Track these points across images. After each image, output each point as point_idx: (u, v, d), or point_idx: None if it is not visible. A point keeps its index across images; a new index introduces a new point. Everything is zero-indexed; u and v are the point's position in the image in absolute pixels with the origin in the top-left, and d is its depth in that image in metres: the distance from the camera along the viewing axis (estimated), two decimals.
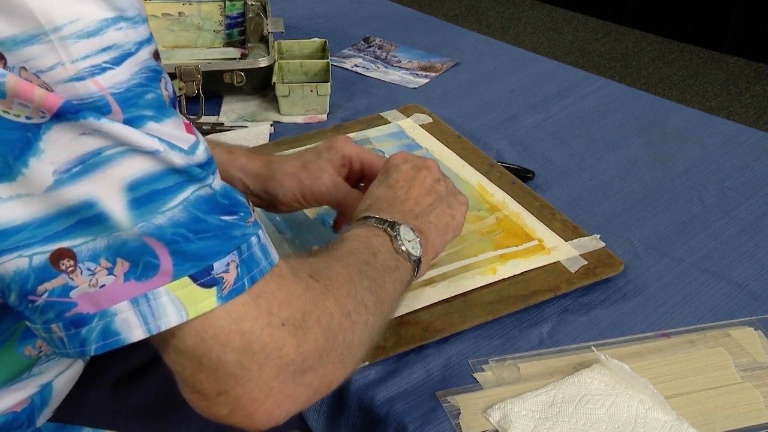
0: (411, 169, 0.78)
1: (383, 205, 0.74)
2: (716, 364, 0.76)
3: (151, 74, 0.48)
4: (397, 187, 0.76)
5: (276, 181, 0.83)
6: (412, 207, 0.75)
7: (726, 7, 2.92)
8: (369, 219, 0.71)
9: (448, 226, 0.77)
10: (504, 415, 0.70)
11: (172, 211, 0.48)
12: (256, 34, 1.30)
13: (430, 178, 0.78)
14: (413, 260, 0.71)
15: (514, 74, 1.30)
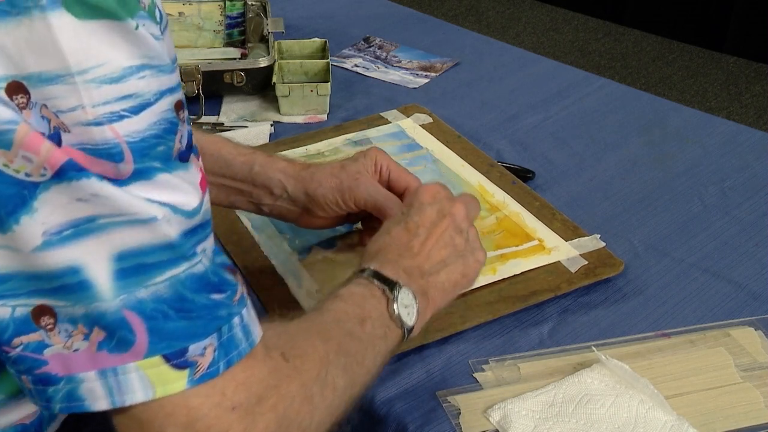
0: (435, 214, 0.73)
1: (393, 255, 0.70)
2: (716, 364, 0.76)
3: (168, 126, 0.47)
4: (413, 234, 0.71)
5: (316, 182, 0.82)
6: (423, 262, 0.70)
7: (726, 7, 2.92)
8: (371, 274, 0.68)
9: (456, 285, 0.73)
10: (504, 415, 0.70)
11: (157, 286, 0.47)
12: (256, 34, 1.30)
13: (453, 228, 0.73)
14: (405, 328, 0.67)
15: (514, 74, 1.30)
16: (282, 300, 0.84)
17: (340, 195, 0.82)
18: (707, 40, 3.02)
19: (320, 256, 0.90)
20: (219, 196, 0.85)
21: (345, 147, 1.09)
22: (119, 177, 0.45)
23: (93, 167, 0.45)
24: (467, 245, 0.73)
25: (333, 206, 0.83)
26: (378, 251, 0.71)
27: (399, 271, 0.68)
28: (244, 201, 0.86)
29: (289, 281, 0.86)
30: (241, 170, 0.83)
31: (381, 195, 0.82)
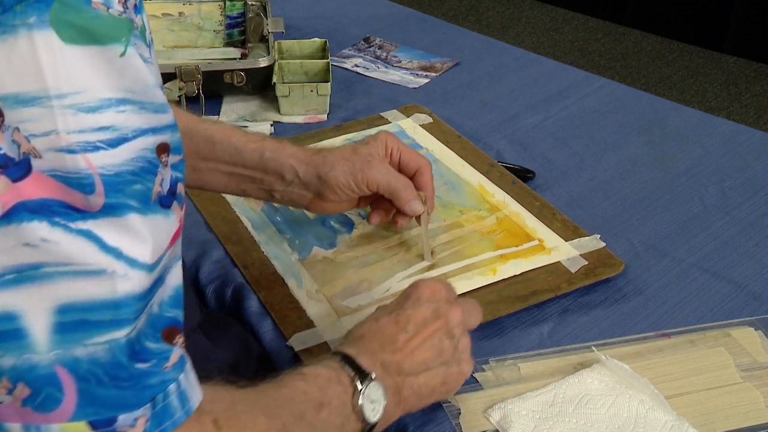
0: (430, 313, 0.68)
1: (374, 345, 0.66)
2: (716, 364, 0.76)
3: (146, 165, 0.45)
4: (402, 328, 0.67)
5: (328, 165, 0.82)
6: (404, 360, 0.66)
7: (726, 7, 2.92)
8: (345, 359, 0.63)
9: (433, 392, 0.68)
10: (504, 415, 0.70)
11: (96, 347, 0.44)
12: (256, 34, 1.30)
13: (444, 331, 0.68)
14: (367, 423, 0.62)
15: (514, 74, 1.30)
16: (282, 300, 0.84)
17: (353, 178, 0.82)
18: (707, 40, 3.02)
19: (320, 256, 0.90)
20: (230, 184, 0.85)
21: None
22: (88, 209, 0.43)
23: (62, 196, 0.42)
24: (455, 353, 0.69)
25: (346, 190, 0.83)
26: (361, 337, 0.67)
27: (376, 363, 0.64)
28: (256, 188, 0.85)
29: (289, 281, 0.87)
30: (251, 157, 0.83)
31: (393, 177, 0.83)
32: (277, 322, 0.82)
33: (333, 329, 0.80)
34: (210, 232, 0.95)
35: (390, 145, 0.85)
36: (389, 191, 0.83)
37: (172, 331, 0.49)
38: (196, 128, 0.84)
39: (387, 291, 0.84)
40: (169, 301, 0.49)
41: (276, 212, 0.97)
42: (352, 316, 0.82)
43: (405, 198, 0.84)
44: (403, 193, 0.83)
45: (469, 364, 0.70)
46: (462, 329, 0.70)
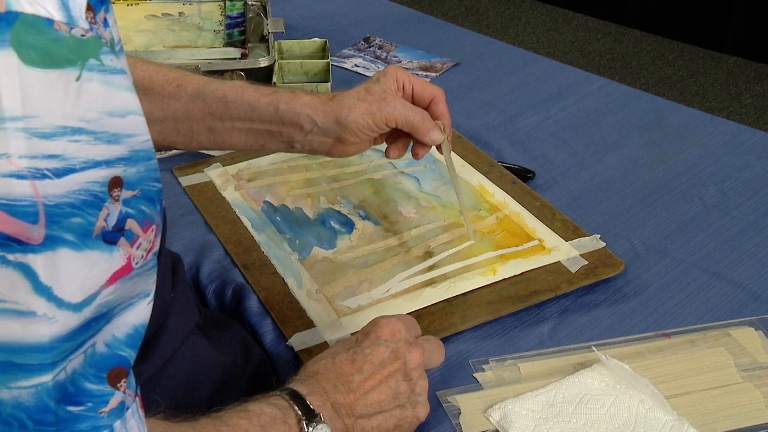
0: (388, 354, 0.66)
1: (327, 384, 0.64)
2: (716, 364, 0.76)
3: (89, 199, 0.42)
4: (358, 368, 0.65)
5: (345, 108, 0.81)
6: (356, 401, 0.64)
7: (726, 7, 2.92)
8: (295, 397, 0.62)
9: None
10: (504, 415, 0.70)
11: (21, 391, 0.42)
12: (257, 34, 1.30)
13: (401, 374, 0.67)
14: None
15: (514, 74, 1.30)
16: (282, 300, 0.84)
17: (372, 118, 0.81)
18: (707, 40, 3.02)
19: (320, 257, 0.90)
20: (248, 141, 0.84)
21: None
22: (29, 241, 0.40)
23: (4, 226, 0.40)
24: (411, 396, 0.67)
25: (366, 130, 0.81)
26: (315, 374, 0.65)
27: (327, 404, 0.63)
28: (275, 141, 0.84)
29: (289, 281, 0.87)
30: (266, 111, 0.82)
31: (410, 111, 0.82)
32: (277, 322, 0.82)
33: (333, 329, 0.80)
34: (210, 232, 0.95)
35: (401, 79, 0.84)
36: (408, 125, 0.82)
37: (119, 372, 0.47)
38: (208, 89, 0.83)
39: (387, 292, 0.84)
40: (124, 339, 0.47)
41: (276, 212, 0.97)
42: (352, 316, 0.82)
43: (424, 129, 0.83)
44: (421, 125, 0.82)
45: (424, 408, 0.68)
46: (420, 372, 0.68)
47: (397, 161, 1.05)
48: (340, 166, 1.05)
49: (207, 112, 0.82)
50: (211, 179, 1.04)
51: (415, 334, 0.71)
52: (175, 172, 1.06)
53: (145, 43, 1.30)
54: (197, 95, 0.82)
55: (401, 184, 1.02)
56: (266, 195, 1.00)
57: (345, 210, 0.97)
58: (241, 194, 1.01)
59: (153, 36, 1.33)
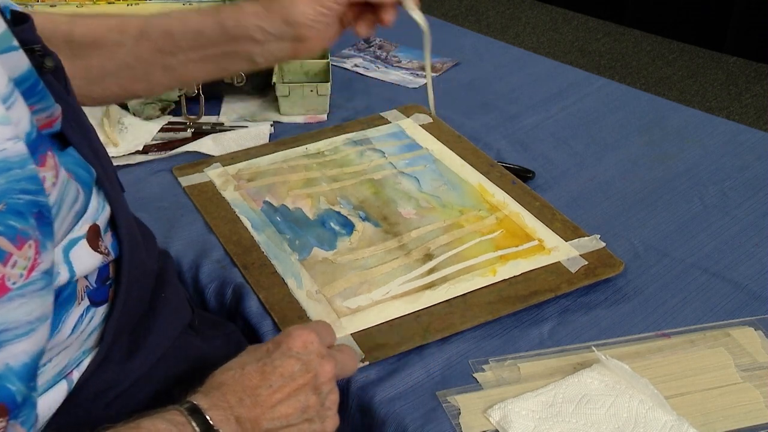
0: (299, 368, 0.64)
1: (233, 397, 0.61)
2: (716, 364, 0.76)
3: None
4: (266, 381, 0.63)
5: (288, 5, 0.77)
6: (262, 415, 0.62)
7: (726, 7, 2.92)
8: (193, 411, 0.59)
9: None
10: (504, 415, 0.70)
11: None
12: None
13: (311, 387, 0.64)
14: None
15: (514, 74, 1.30)
16: (282, 300, 0.84)
17: (317, 3, 0.77)
18: (707, 40, 3.02)
19: (320, 257, 0.90)
20: (208, 69, 0.82)
21: (345, 146, 1.09)
22: None
23: None
24: (320, 410, 0.65)
25: (319, 17, 0.77)
26: (221, 385, 0.62)
27: (230, 418, 0.60)
28: (236, 62, 0.81)
29: (289, 281, 0.87)
30: (214, 34, 0.79)
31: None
32: (277, 322, 0.82)
33: None
34: (210, 233, 0.95)
35: None
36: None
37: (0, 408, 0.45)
38: (150, 26, 0.80)
39: (387, 293, 0.84)
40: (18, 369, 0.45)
41: (276, 212, 0.97)
42: (352, 316, 0.82)
43: None
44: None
45: (333, 422, 0.66)
46: (331, 385, 0.66)
47: (396, 161, 1.05)
48: (340, 166, 1.05)
49: (156, 50, 0.79)
50: (210, 179, 1.04)
51: (329, 343, 0.69)
52: (175, 172, 1.06)
53: None
54: (141, 35, 0.79)
55: (401, 184, 1.02)
56: (266, 195, 1.00)
57: (345, 211, 0.97)
58: (240, 194, 1.01)
59: None
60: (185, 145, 1.11)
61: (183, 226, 0.97)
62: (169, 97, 1.16)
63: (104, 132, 1.12)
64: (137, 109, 1.16)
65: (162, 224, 0.97)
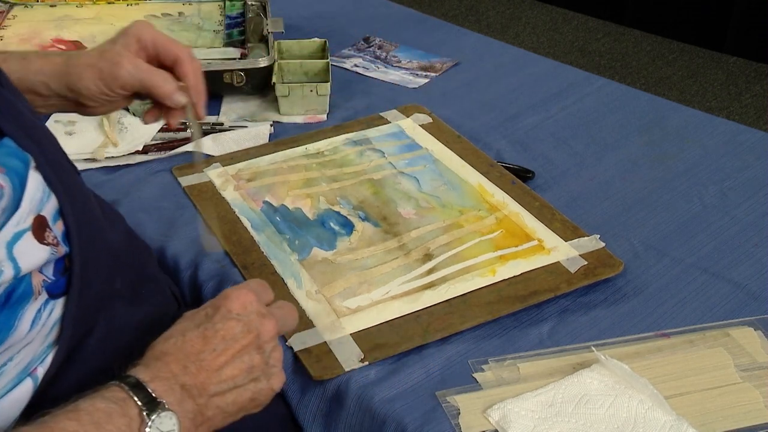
0: (240, 328, 0.64)
1: (176, 366, 0.61)
2: (716, 364, 0.76)
3: None
4: (209, 345, 0.63)
5: (75, 76, 0.78)
6: (209, 380, 0.62)
7: (726, 7, 2.92)
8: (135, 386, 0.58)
9: (242, 409, 0.65)
10: (504, 415, 0.70)
11: None
12: (256, 34, 1.30)
13: (254, 347, 0.64)
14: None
15: (514, 74, 1.30)
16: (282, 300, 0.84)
17: (104, 83, 0.78)
18: (707, 40, 3.02)
19: (320, 257, 0.90)
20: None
21: (345, 146, 1.09)
22: None
23: None
24: (265, 368, 0.65)
25: (100, 96, 0.79)
26: (163, 355, 0.62)
27: (174, 387, 0.60)
28: None
29: (288, 281, 0.87)
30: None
31: (146, 74, 0.78)
32: None
33: (332, 330, 0.80)
34: (210, 232, 0.95)
35: (144, 38, 0.79)
36: (145, 88, 0.79)
37: None
38: None
39: (387, 293, 0.84)
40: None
41: (275, 212, 0.97)
42: (351, 316, 0.82)
43: (164, 92, 0.79)
44: (161, 88, 0.78)
45: (279, 378, 0.66)
46: (274, 343, 0.66)
47: (396, 161, 1.05)
48: (340, 166, 1.05)
49: None
50: (210, 179, 1.04)
51: (267, 301, 0.68)
52: (175, 172, 1.06)
53: None
54: None
55: (401, 184, 1.02)
56: (266, 195, 1.00)
57: (344, 211, 0.97)
58: (240, 194, 1.01)
59: None
60: (185, 145, 1.11)
61: (183, 226, 0.97)
62: None
63: (104, 132, 1.12)
64: (137, 110, 1.16)
65: (162, 224, 0.97)
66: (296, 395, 0.78)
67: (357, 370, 0.76)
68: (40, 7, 1.42)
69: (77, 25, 1.36)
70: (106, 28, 1.35)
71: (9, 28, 1.35)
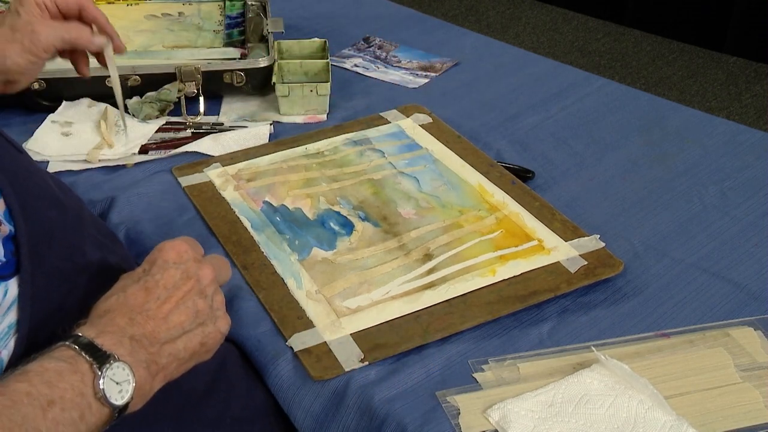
0: (179, 275, 0.65)
1: (122, 320, 0.61)
2: (716, 364, 0.76)
3: None
4: (152, 295, 0.64)
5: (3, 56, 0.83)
6: (157, 328, 0.63)
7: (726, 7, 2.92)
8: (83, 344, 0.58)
9: (194, 354, 0.66)
10: (504, 415, 0.70)
11: None
12: (256, 34, 1.30)
13: (196, 292, 0.66)
14: (114, 410, 0.58)
15: (514, 74, 1.30)
16: (282, 300, 0.84)
17: (30, 53, 0.83)
18: (707, 40, 3.02)
19: (320, 257, 0.90)
20: None
21: (345, 146, 1.09)
22: None
23: None
24: (210, 312, 0.66)
25: (30, 66, 0.83)
26: (107, 311, 0.62)
27: (123, 339, 0.60)
28: None
29: (288, 281, 0.87)
30: None
31: (63, 30, 0.84)
32: (276, 322, 0.82)
33: (332, 330, 0.80)
34: (209, 233, 0.95)
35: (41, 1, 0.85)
36: (67, 44, 0.86)
37: None
38: None
39: (387, 293, 0.84)
40: None
41: (275, 212, 0.97)
42: (351, 316, 0.82)
43: (85, 40, 0.87)
44: (80, 38, 0.86)
45: (225, 321, 0.68)
46: (215, 287, 0.68)
47: (396, 161, 1.05)
48: (340, 166, 1.05)
49: None
50: (210, 179, 1.04)
51: (199, 255, 0.70)
52: (175, 172, 1.06)
53: (145, 43, 1.30)
54: None
55: (401, 184, 1.02)
56: (266, 195, 1.00)
57: (344, 211, 0.97)
58: (240, 194, 1.01)
59: (152, 36, 1.33)
60: (185, 145, 1.11)
61: (182, 226, 0.97)
62: (168, 98, 1.16)
63: (100, 133, 1.12)
64: (135, 109, 1.16)
65: (161, 224, 0.97)
66: (296, 395, 0.77)
67: (357, 370, 0.76)
68: None
69: None
70: None
71: None
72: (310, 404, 0.76)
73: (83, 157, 1.08)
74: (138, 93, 1.17)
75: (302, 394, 0.77)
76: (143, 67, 1.17)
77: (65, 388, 0.56)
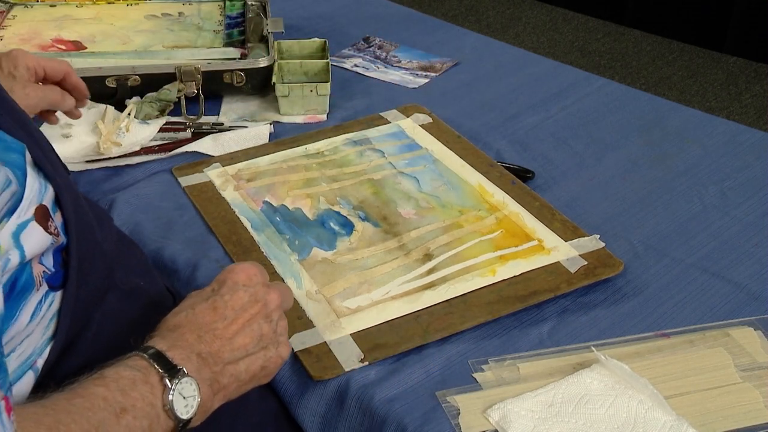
0: (248, 298, 0.67)
1: (191, 336, 0.63)
2: (716, 364, 0.76)
3: None
4: (220, 315, 0.65)
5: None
6: (223, 348, 0.64)
7: (726, 7, 2.92)
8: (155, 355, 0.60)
9: (254, 377, 0.67)
10: (504, 415, 0.70)
11: None
12: (256, 34, 1.30)
13: (262, 316, 0.67)
14: (179, 423, 0.59)
15: (514, 74, 1.30)
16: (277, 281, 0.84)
17: None
18: (707, 40, 3.01)
19: (320, 258, 0.90)
20: None
21: (345, 146, 1.09)
22: None
23: None
24: (274, 337, 0.68)
25: None
26: (177, 327, 0.64)
27: (191, 356, 0.62)
28: None
29: (288, 281, 0.86)
30: None
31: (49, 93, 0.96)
32: None
33: (332, 330, 0.80)
34: (209, 233, 0.95)
35: (31, 66, 0.94)
36: (50, 106, 0.98)
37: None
38: None
39: (387, 293, 0.84)
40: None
41: (275, 212, 0.97)
42: (351, 316, 0.82)
43: (66, 105, 0.99)
44: (62, 103, 0.99)
45: (286, 347, 0.69)
46: (280, 313, 0.69)
47: (396, 162, 1.05)
48: (340, 166, 1.05)
49: None
50: (210, 179, 1.04)
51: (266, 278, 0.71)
52: (175, 172, 1.06)
53: (145, 43, 1.30)
54: None
55: (401, 184, 1.02)
56: (266, 195, 1.00)
57: (344, 211, 0.97)
58: (240, 194, 1.01)
59: (152, 36, 1.33)
60: (185, 145, 1.11)
61: (182, 226, 0.97)
62: (168, 98, 1.16)
63: (101, 133, 1.12)
64: (136, 109, 1.15)
65: (161, 224, 0.97)
66: (296, 395, 0.77)
67: (357, 370, 0.76)
68: (40, 7, 1.42)
69: (77, 25, 1.36)
70: (106, 28, 1.35)
71: (9, 28, 1.35)
72: (316, 405, 0.77)
73: (83, 159, 1.08)
74: (138, 93, 1.17)
75: (307, 396, 0.77)
76: (143, 67, 1.17)
77: (137, 397, 0.57)
